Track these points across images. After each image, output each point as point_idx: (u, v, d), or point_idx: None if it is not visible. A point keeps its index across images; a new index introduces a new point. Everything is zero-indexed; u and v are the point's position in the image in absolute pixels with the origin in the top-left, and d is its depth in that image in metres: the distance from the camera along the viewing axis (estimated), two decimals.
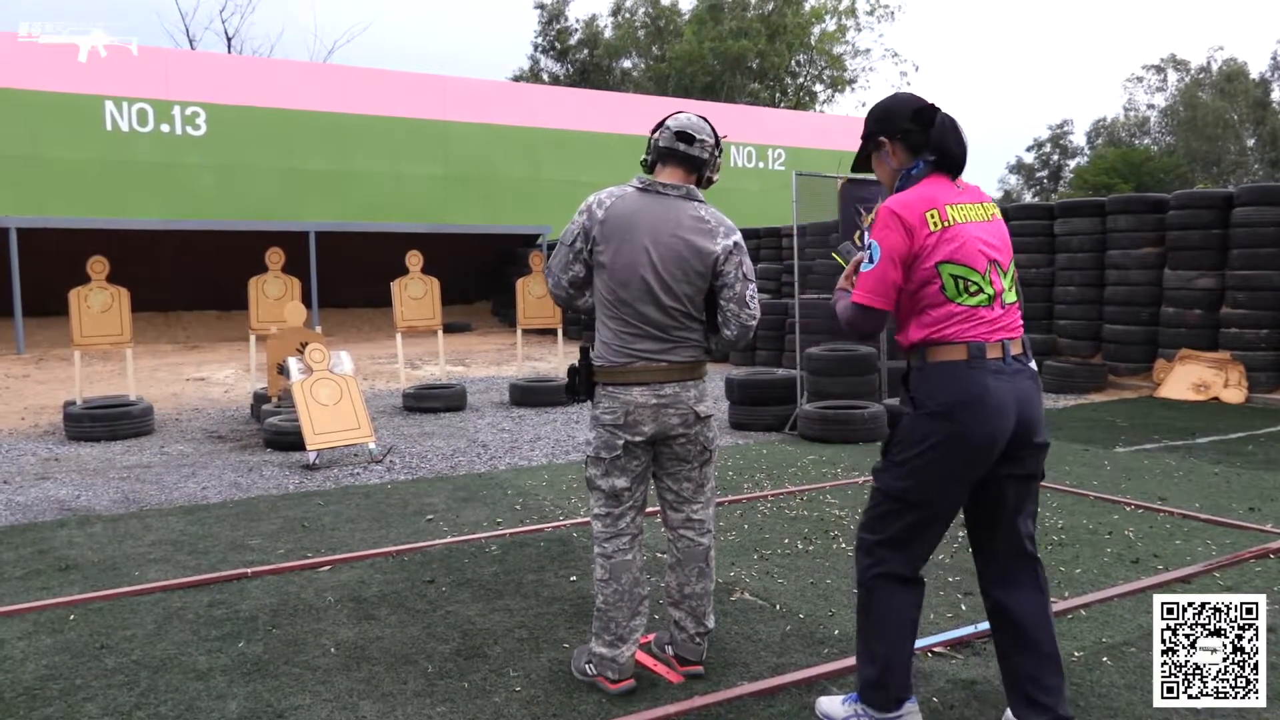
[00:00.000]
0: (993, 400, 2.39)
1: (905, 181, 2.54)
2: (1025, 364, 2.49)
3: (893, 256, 2.42)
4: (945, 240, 2.41)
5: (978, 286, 2.43)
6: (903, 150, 2.55)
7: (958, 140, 2.50)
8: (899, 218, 2.43)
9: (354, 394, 7.08)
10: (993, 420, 2.38)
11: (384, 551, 4.45)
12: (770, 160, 24.98)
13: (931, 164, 2.51)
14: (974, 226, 2.46)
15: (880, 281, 2.45)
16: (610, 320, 2.93)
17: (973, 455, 2.40)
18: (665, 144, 2.98)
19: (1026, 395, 2.45)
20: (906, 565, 2.53)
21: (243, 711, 2.84)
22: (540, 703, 2.87)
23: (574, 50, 40.85)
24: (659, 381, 2.89)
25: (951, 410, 2.39)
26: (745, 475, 6.14)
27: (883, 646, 2.52)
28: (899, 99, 2.61)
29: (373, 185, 19.96)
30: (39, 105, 16.96)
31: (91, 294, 8.22)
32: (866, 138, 2.64)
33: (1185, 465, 6.33)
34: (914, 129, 2.53)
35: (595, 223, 2.91)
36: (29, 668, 3.17)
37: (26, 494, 5.88)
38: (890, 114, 2.58)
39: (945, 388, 2.42)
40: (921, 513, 2.47)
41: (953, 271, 2.42)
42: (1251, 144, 42.69)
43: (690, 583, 3.04)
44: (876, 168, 2.65)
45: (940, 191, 2.47)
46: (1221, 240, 9.96)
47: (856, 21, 40.30)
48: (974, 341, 2.41)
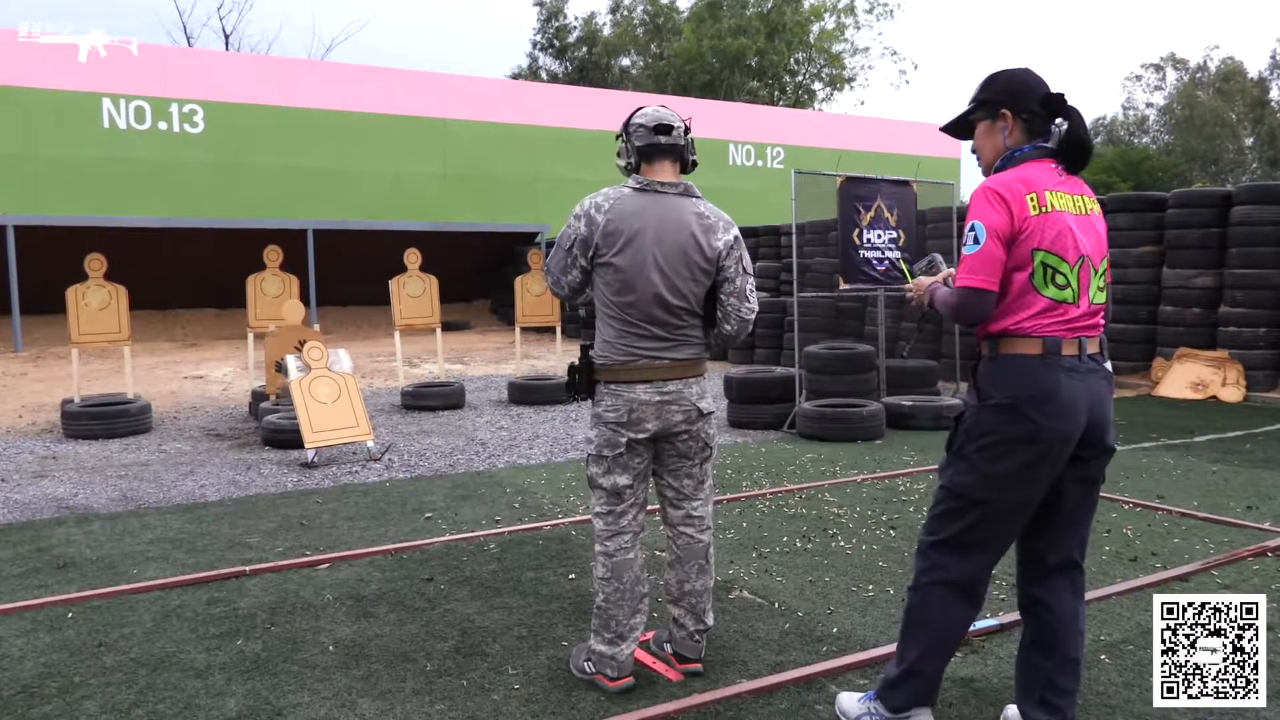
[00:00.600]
0: (1064, 397, 2.31)
1: (1007, 162, 2.44)
2: (1100, 364, 2.42)
3: (998, 235, 2.32)
4: (1044, 226, 2.32)
5: (1065, 280, 2.35)
6: (1021, 130, 2.45)
7: (1088, 133, 2.42)
8: (1001, 197, 2.33)
9: (352, 392, 7.07)
10: (1065, 418, 2.31)
11: (382, 549, 4.44)
12: (769, 159, 24.97)
13: (1039, 150, 2.43)
14: (1071, 217, 2.38)
15: (989, 261, 2.32)
16: (613, 320, 2.92)
17: (1043, 453, 2.32)
18: (645, 141, 2.94)
19: (1099, 396, 2.39)
20: (963, 574, 2.43)
21: (241, 709, 2.84)
22: (539, 700, 2.87)
23: (573, 48, 40.81)
24: (662, 379, 2.89)
25: (1019, 404, 2.32)
26: (744, 473, 6.14)
27: (914, 653, 2.46)
28: (1032, 76, 2.49)
29: (371, 183, 19.95)
30: (36, 103, 16.94)
31: (89, 292, 8.21)
32: (986, 103, 2.50)
33: (1183, 464, 6.33)
34: (1040, 113, 2.43)
35: (596, 228, 2.87)
36: (27, 665, 3.17)
37: (24, 492, 5.88)
38: (1024, 89, 2.45)
39: (1014, 381, 2.35)
40: (983, 511, 2.38)
41: (1045, 260, 2.33)
42: (1250, 143, 42.72)
43: (690, 580, 3.04)
44: (983, 137, 2.52)
45: (1042, 176, 2.38)
46: (1220, 239, 9.97)
47: (855, 20, 40.27)
48: (1050, 337, 2.34)
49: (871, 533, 4.69)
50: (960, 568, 2.43)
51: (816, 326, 11.86)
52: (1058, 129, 2.42)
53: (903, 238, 8.19)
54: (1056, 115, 2.43)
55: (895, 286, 8.13)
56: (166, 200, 17.94)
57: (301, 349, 7.22)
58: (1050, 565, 2.49)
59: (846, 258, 8.00)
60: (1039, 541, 2.50)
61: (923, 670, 2.47)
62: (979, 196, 2.38)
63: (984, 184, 2.41)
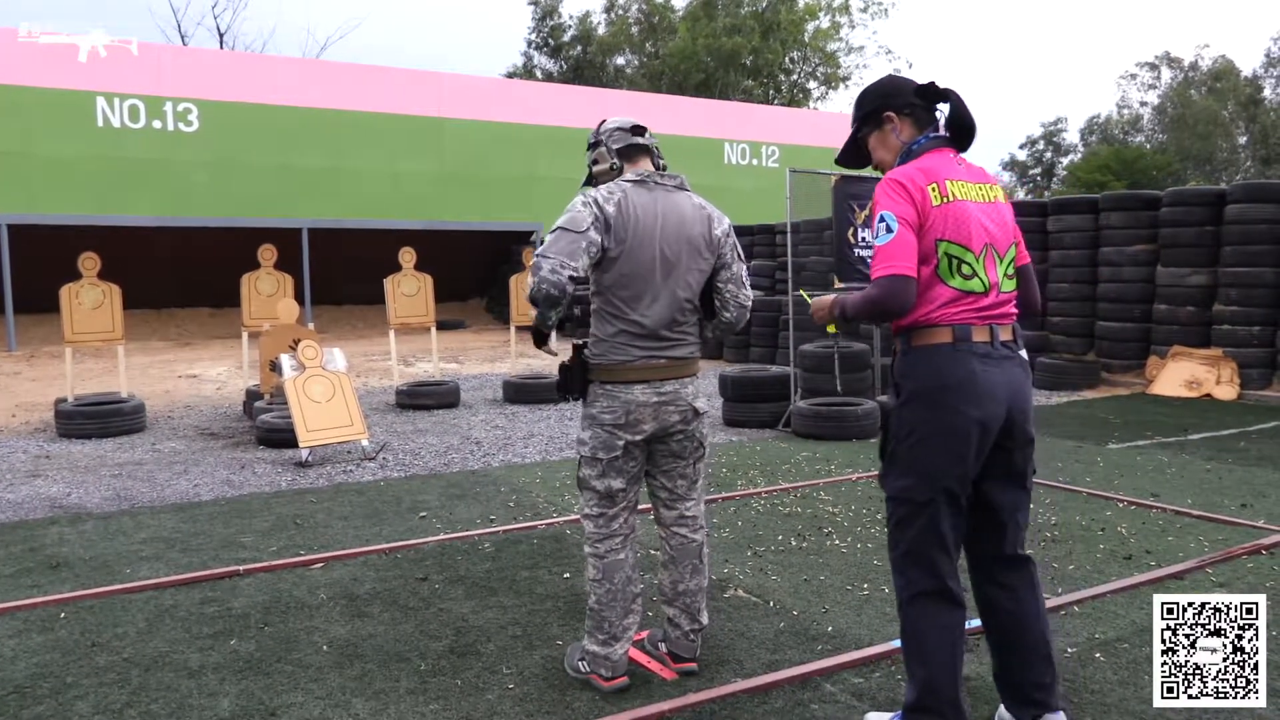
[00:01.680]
0: (980, 383, 2.31)
1: (906, 156, 2.46)
2: (1015, 351, 2.41)
3: (909, 223, 2.31)
4: (945, 216, 2.33)
5: (971, 269, 2.35)
6: (910, 125, 2.49)
7: (968, 112, 2.45)
8: (904, 187, 2.33)
9: (347, 391, 7.06)
10: (982, 405, 2.30)
11: (377, 549, 4.43)
12: (764, 157, 24.95)
13: (935, 139, 2.45)
14: (974, 206, 2.38)
15: (904, 247, 2.30)
16: (613, 318, 2.89)
17: (965, 438, 2.30)
18: (625, 143, 2.99)
19: (1017, 383, 2.38)
20: (933, 580, 2.38)
21: (235, 709, 2.83)
22: (533, 700, 2.86)
23: (567, 47, 40.78)
24: (660, 379, 2.88)
25: (934, 394, 2.32)
26: (739, 472, 6.13)
27: (922, 670, 2.40)
28: (894, 78, 2.56)
29: (366, 182, 19.90)
30: (30, 101, 16.87)
31: (83, 290, 8.18)
32: (868, 115, 2.54)
33: (1178, 462, 6.34)
34: (920, 104, 2.47)
35: (607, 217, 2.82)
36: (19, 666, 3.16)
37: (17, 491, 5.86)
38: (896, 89, 2.51)
39: (928, 371, 2.35)
40: (931, 511, 2.35)
41: (948, 250, 2.33)
42: (1243, 141, 42.81)
43: (684, 579, 3.04)
44: (878, 147, 2.56)
45: (942, 166, 2.40)
46: (1214, 237, 9.99)
47: (850, 18, 40.33)
48: (959, 324, 2.34)
49: (867, 531, 4.69)
50: (929, 576, 2.39)
51: (811, 325, 11.85)
52: (942, 114, 2.47)
53: None
54: (936, 101, 2.47)
55: None
56: (161, 199, 17.88)
57: (296, 348, 7.21)
58: (999, 564, 2.49)
59: (841, 256, 8.00)
60: (983, 544, 2.49)
61: (939, 683, 2.39)
62: (882, 189, 2.37)
63: (886, 177, 2.41)
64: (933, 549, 2.38)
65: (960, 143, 2.47)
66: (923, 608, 2.40)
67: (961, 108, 2.44)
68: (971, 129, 2.46)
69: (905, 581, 2.43)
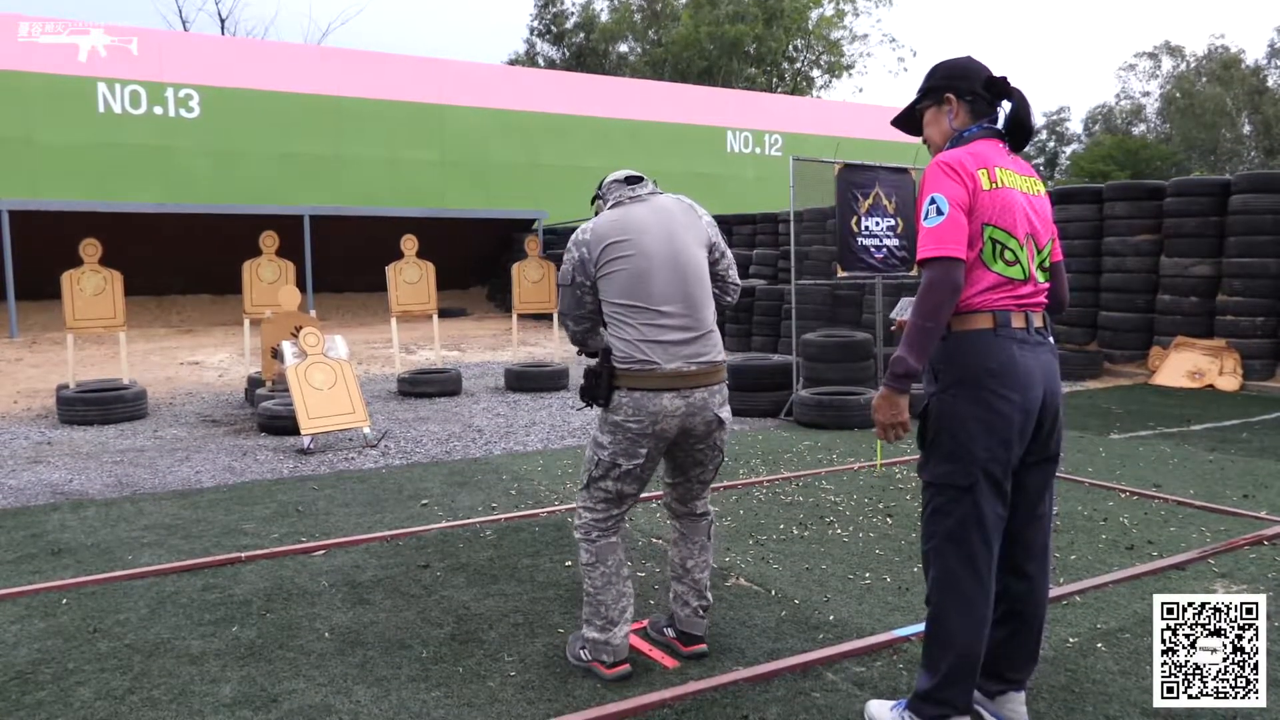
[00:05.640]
0: (1020, 368, 2.31)
1: (956, 142, 2.46)
2: (1045, 338, 2.42)
3: (960, 206, 2.30)
4: (994, 201, 2.33)
5: (1014, 256, 2.35)
6: (966, 112, 2.48)
7: (1030, 114, 2.46)
8: (955, 170, 2.32)
9: (348, 378, 7.05)
10: (1023, 389, 2.31)
11: (378, 536, 4.44)
12: (767, 146, 24.90)
13: (987, 130, 2.45)
14: (1020, 195, 2.38)
15: (956, 229, 2.28)
16: (629, 324, 2.83)
17: (1009, 422, 2.30)
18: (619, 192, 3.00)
19: (1050, 368, 2.40)
20: (970, 570, 2.34)
21: (236, 695, 2.83)
22: (535, 687, 2.86)
23: (570, 34, 40.64)
24: (689, 387, 2.84)
25: (978, 378, 2.31)
26: (741, 461, 6.13)
27: (945, 660, 2.38)
28: (972, 62, 2.53)
29: (368, 169, 19.88)
30: (32, 88, 16.85)
31: (84, 277, 8.17)
32: (931, 90, 2.54)
33: (1180, 452, 6.33)
34: (984, 95, 2.47)
35: (589, 249, 2.88)
36: (21, 652, 3.16)
37: (19, 478, 5.86)
38: (966, 73, 2.50)
39: (969, 357, 2.33)
40: (974, 498, 2.32)
41: (994, 235, 2.33)
42: (1247, 131, 42.65)
43: (693, 556, 3.09)
44: (930, 124, 2.56)
45: (991, 153, 2.39)
46: (1218, 228, 9.95)
47: (854, 6, 40.20)
48: (1000, 310, 2.34)
49: (868, 520, 4.69)
50: (965, 566, 2.35)
51: (814, 314, 11.83)
52: (1004, 110, 2.47)
53: (901, 225, 8.16)
54: (1001, 97, 2.47)
55: (892, 274, 8.12)
56: (162, 185, 17.87)
57: (298, 335, 7.20)
58: (1019, 550, 2.47)
59: (844, 245, 7.97)
60: (1012, 531, 2.46)
61: (957, 679, 2.38)
62: (934, 171, 2.36)
63: (936, 159, 2.41)
64: (972, 536, 2.34)
65: (1015, 141, 2.47)
66: (956, 599, 2.37)
67: (1025, 109, 2.45)
68: (1030, 132, 2.47)
69: (941, 570, 2.40)
